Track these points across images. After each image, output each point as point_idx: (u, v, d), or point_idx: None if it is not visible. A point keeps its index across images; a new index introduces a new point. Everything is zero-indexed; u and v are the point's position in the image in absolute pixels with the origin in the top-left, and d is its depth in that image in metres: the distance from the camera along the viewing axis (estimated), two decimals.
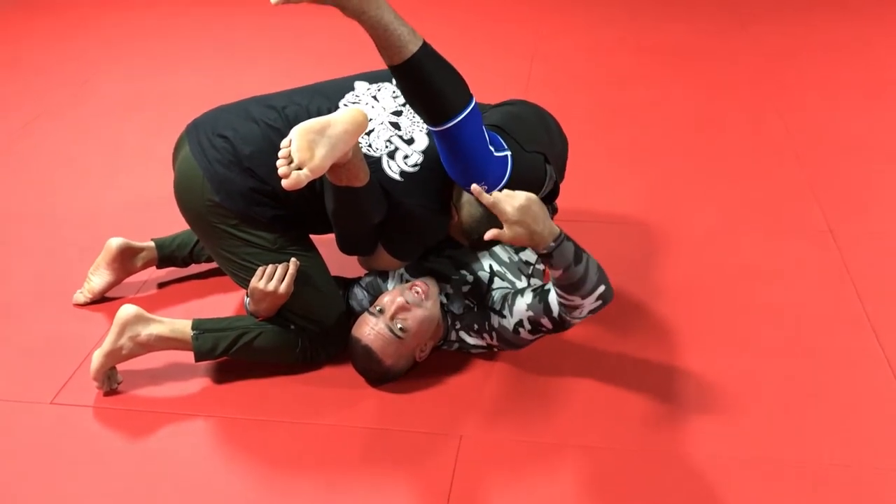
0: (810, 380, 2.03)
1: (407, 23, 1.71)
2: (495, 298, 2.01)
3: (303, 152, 1.69)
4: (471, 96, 1.79)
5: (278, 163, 1.70)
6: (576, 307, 1.84)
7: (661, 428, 1.90)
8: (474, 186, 1.73)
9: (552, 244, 1.73)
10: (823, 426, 1.90)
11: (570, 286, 1.79)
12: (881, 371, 2.04)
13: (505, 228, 1.72)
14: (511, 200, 1.71)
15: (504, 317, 1.98)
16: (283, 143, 1.72)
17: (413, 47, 1.70)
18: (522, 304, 1.95)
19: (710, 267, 2.44)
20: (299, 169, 1.69)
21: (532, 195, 1.73)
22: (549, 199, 2.07)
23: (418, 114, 1.81)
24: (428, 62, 1.72)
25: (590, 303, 1.83)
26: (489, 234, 1.72)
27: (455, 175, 1.85)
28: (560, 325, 1.92)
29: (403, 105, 2.04)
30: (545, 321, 1.92)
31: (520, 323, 1.95)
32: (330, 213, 1.96)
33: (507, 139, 1.90)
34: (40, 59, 4.03)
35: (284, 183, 1.68)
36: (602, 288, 1.82)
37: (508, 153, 1.87)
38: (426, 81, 1.73)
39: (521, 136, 1.93)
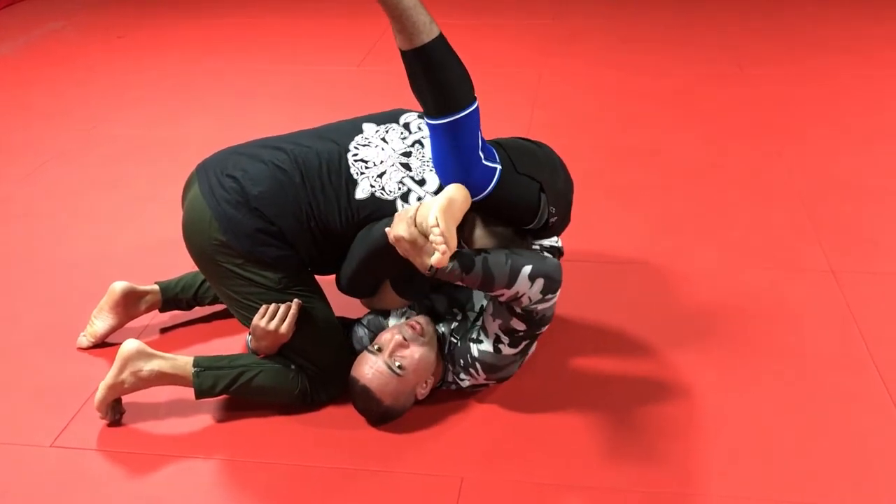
0: (814, 420, 2.01)
1: (429, 13, 1.72)
2: (476, 331, 2.03)
3: (452, 239, 1.75)
4: (475, 98, 1.80)
5: (440, 248, 1.73)
6: (515, 297, 1.86)
7: (663, 468, 1.89)
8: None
9: (427, 272, 1.82)
10: (828, 467, 1.88)
11: (482, 288, 1.85)
12: (886, 411, 2.03)
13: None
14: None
15: (481, 342, 1.99)
16: (431, 223, 1.74)
17: (427, 37, 1.71)
18: (489, 318, 1.96)
19: (712, 307, 2.44)
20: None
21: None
22: (545, 235, 2.09)
23: (421, 103, 1.82)
24: (442, 52, 1.74)
25: (526, 288, 1.84)
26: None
27: (440, 171, 1.88)
28: (529, 317, 1.91)
29: (412, 146, 2.06)
30: (514, 322, 1.92)
31: (497, 339, 1.96)
32: (358, 258, 1.98)
33: (501, 155, 1.93)
34: (50, 105, 4.10)
35: (435, 261, 1.73)
36: (527, 269, 1.83)
37: (498, 167, 1.89)
38: (437, 71, 1.74)
39: (518, 159, 1.96)
